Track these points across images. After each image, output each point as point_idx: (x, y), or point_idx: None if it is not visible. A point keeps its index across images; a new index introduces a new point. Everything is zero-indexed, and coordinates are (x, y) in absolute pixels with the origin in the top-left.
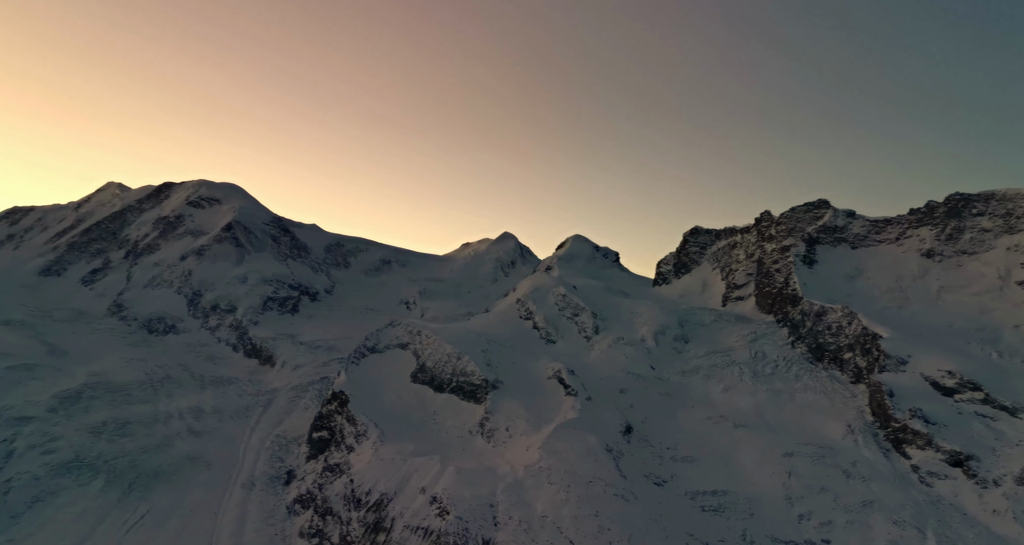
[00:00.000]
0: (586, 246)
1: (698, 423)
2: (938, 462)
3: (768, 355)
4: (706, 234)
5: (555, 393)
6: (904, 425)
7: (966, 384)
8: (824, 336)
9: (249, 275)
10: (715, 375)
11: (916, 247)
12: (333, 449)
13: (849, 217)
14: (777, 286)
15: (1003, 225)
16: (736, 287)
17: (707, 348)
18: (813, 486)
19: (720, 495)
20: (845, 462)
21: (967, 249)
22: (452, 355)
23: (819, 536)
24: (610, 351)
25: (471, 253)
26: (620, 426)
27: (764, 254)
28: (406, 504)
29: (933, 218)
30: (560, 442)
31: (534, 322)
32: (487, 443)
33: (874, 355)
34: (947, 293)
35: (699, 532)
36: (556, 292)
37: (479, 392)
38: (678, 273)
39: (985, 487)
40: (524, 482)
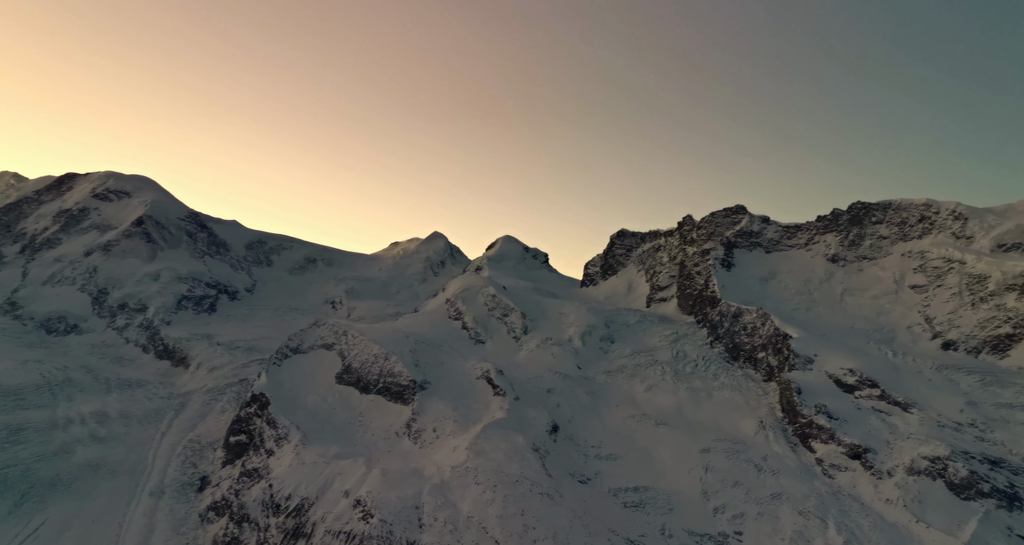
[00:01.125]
0: (516, 247)
1: (622, 421)
2: (839, 455)
3: (689, 355)
4: (632, 237)
5: (483, 393)
6: (810, 420)
7: (865, 381)
8: (740, 336)
9: (162, 272)
10: (639, 374)
11: (823, 252)
12: (252, 453)
13: (764, 223)
14: (698, 288)
15: (899, 233)
16: (660, 289)
17: (632, 348)
18: (728, 480)
19: (641, 491)
20: (757, 457)
21: (867, 255)
22: (379, 355)
23: (732, 528)
24: (538, 351)
25: (400, 252)
26: (547, 425)
27: (686, 257)
28: (328, 508)
29: (838, 225)
30: (487, 442)
31: (463, 322)
32: (414, 444)
33: (784, 354)
34: (849, 296)
35: (621, 528)
36: (486, 292)
37: (406, 393)
38: (605, 275)
39: (880, 478)
40: (451, 483)
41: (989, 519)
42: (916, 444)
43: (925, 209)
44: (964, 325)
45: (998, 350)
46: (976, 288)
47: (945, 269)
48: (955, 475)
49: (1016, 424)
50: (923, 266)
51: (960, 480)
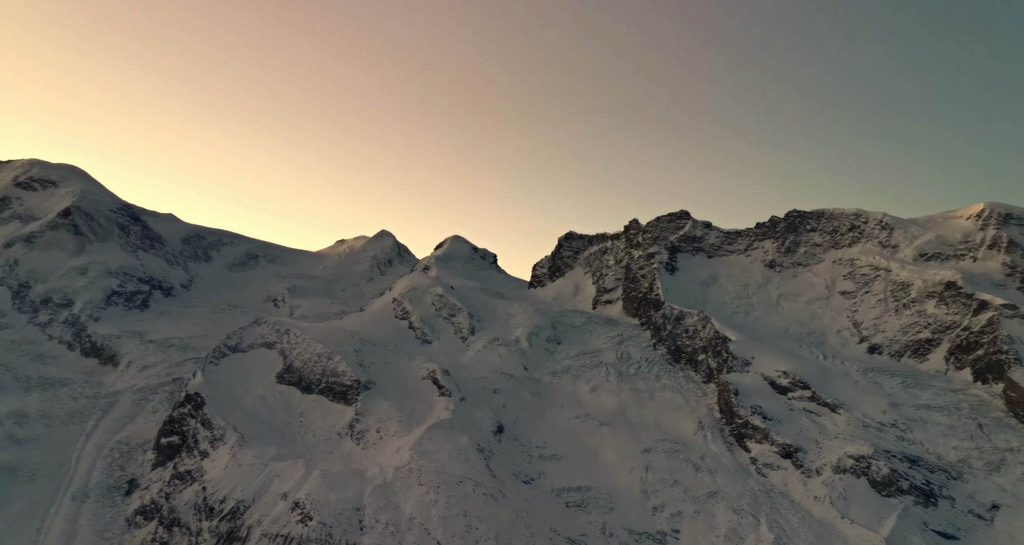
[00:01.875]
0: (465, 247)
1: (566, 422)
2: (772, 454)
3: (632, 356)
4: (579, 239)
5: (429, 394)
6: (746, 421)
7: (797, 383)
8: (682, 339)
9: (90, 266)
10: (584, 375)
11: (761, 258)
12: (184, 455)
13: (706, 228)
14: (642, 291)
15: (830, 241)
16: (606, 291)
17: (577, 349)
18: (667, 480)
19: (584, 491)
20: (695, 456)
21: (801, 261)
22: (322, 355)
23: (670, 526)
24: (485, 352)
25: (346, 250)
26: (492, 426)
27: (631, 260)
28: (265, 511)
29: (775, 232)
30: (432, 443)
31: (410, 322)
32: (356, 445)
33: (723, 357)
34: (784, 300)
35: (562, 527)
36: (433, 292)
37: (350, 393)
38: (553, 276)
39: (809, 476)
40: (393, 484)
41: (907, 515)
42: (842, 444)
43: (855, 219)
44: (888, 330)
45: (918, 354)
46: (900, 295)
47: (872, 276)
48: (877, 473)
49: (933, 424)
50: (852, 273)
51: (882, 478)
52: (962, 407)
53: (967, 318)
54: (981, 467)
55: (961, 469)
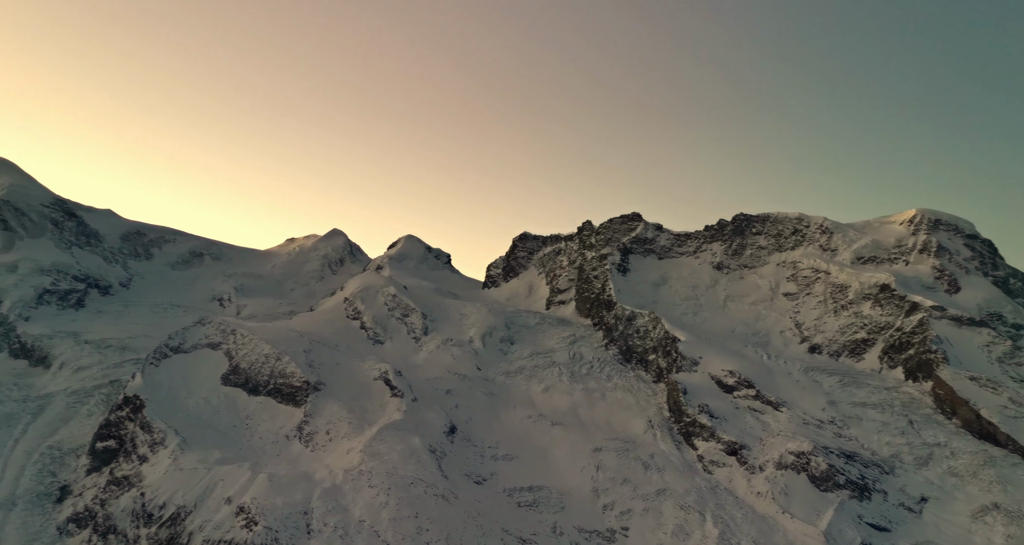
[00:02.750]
0: (418, 246)
1: (519, 422)
2: (718, 452)
3: (585, 356)
4: (534, 240)
5: (381, 394)
6: (694, 419)
7: (742, 382)
8: (633, 339)
9: (20, 263)
10: (537, 375)
11: (709, 260)
12: (122, 460)
13: (657, 230)
14: (595, 292)
15: (775, 244)
16: (559, 291)
17: (531, 349)
18: (617, 478)
19: (535, 490)
20: (645, 454)
21: (747, 263)
22: (271, 356)
23: (619, 524)
24: (438, 352)
25: (296, 249)
26: (444, 427)
27: (585, 261)
28: (208, 516)
29: (723, 235)
30: (383, 444)
31: (362, 322)
32: (305, 447)
33: (673, 356)
34: (731, 302)
35: (514, 527)
36: (386, 292)
37: (299, 394)
38: (507, 276)
39: (753, 473)
40: (343, 487)
41: (843, 509)
42: (784, 441)
43: (798, 223)
44: (827, 330)
45: (855, 353)
46: (838, 297)
47: (813, 278)
48: (816, 469)
49: (868, 421)
50: (795, 275)
51: (820, 473)
52: (894, 404)
53: (900, 319)
54: (911, 462)
55: (893, 464)
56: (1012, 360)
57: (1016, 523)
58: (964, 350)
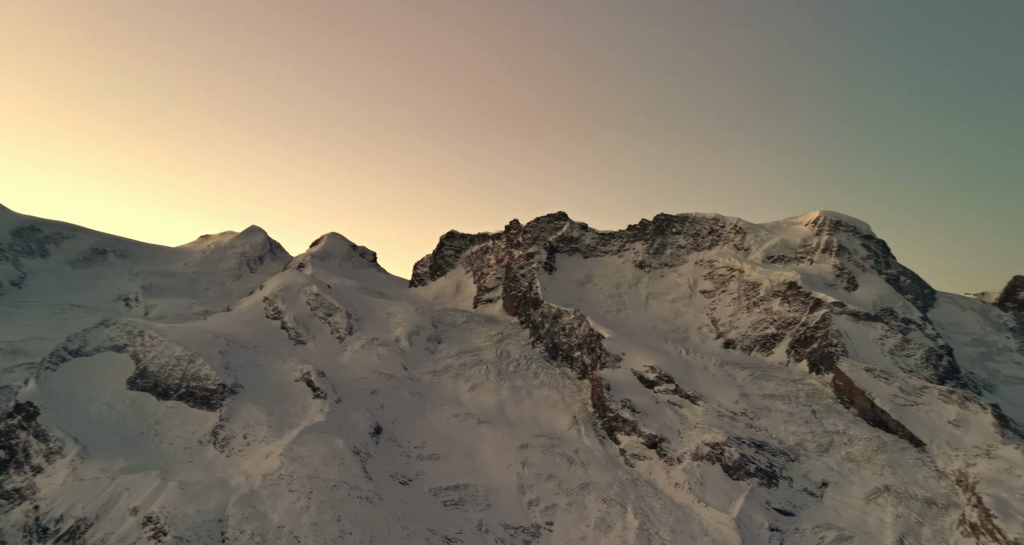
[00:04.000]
0: (343, 244)
1: (446, 421)
2: (639, 445)
3: (512, 354)
4: (461, 238)
5: (302, 396)
6: (616, 414)
7: (663, 377)
8: (559, 336)
9: None
10: (464, 374)
11: (632, 259)
12: (12, 472)
13: (583, 230)
14: (522, 290)
15: (693, 243)
16: (487, 290)
17: (458, 348)
18: (542, 474)
19: (461, 489)
20: (569, 450)
21: (668, 262)
22: (183, 358)
23: (544, 519)
24: (364, 352)
25: (211, 246)
26: (370, 427)
27: (512, 260)
28: (111, 528)
29: (645, 234)
30: (304, 447)
31: (283, 322)
32: (220, 453)
33: (597, 353)
34: (653, 299)
35: (439, 527)
36: (309, 291)
37: (214, 398)
38: (434, 275)
39: (671, 464)
40: (261, 492)
41: (753, 496)
42: (700, 432)
43: (714, 223)
44: (741, 326)
45: (765, 348)
46: (751, 294)
47: (728, 276)
48: (729, 459)
49: (776, 412)
50: (711, 274)
51: (733, 463)
52: (800, 396)
53: (805, 315)
54: (814, 449)
55: (798, 451)
56: (902, 352)
57: (904, 503)
58: (860, 343)
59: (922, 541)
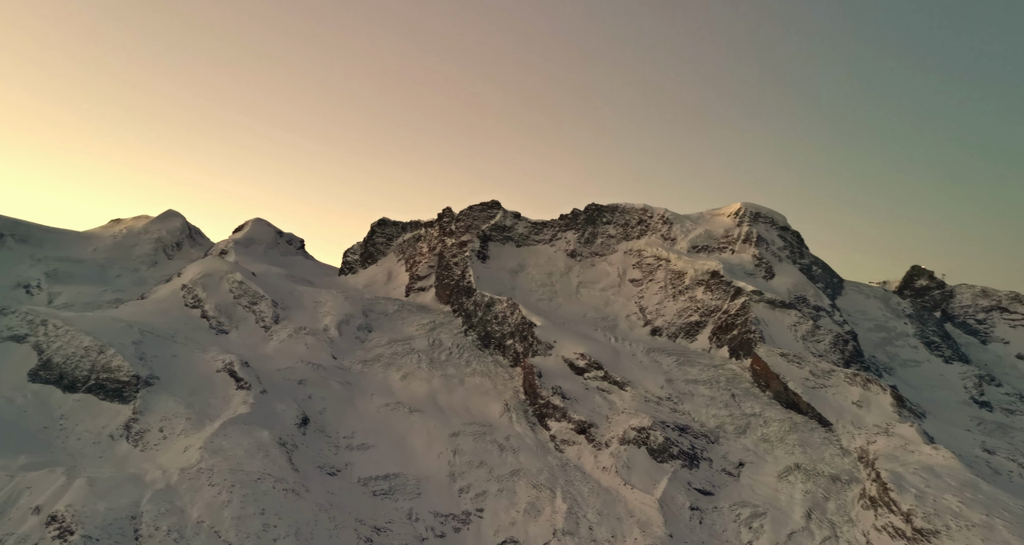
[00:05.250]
0: (268, 231)
1: (376, 411)
2: (569, 431)
3: (444, 343)
4: (393, 226)
5: (225, 387)
6: (547, 401)
7: (593, 364)
8: (492, 325)
9: None
10: (395, 363)
11: (563, 248)
12: None
13: (515, 218)
14: (455, 278)
15: (622, 233)
16: (419, 278)
17: (389, 337)
18: (474, 461)
19: (392, 478)
20: (501, 437)
21: (598, 251)
22: (92, 348)
23: (475, 506)
24: (290, 341)
25: (123, 231)
26: (296, 418)
27: (445, 248)
28: (10, 529)
29: (576, 224)
30: (226, 439)
31: (203, 311)
32: (134, 447)
33: (529, 341)
34: (584, 288)
35: (368, 517)
36: (231, 278)
37: (127, 390)
38: (365, 263)
39: (599, 449)
40: (178, 487)
41: (676, 477)
42: (628, 417)
43: (642, 213)
44: (667, 314)
45: (689, 335)
46: (676, 283)
47: (655, 266)
48: (654, 442)
49: (698, 396)
50: (640, 263)
51: (657, 446)
52: (720, 380)
53: (726, 302)
54: (732, 431)
55: (718, 434)
56: (813, 338)
57: (812, 480)
58: (776, 330)
59: (827, 515)
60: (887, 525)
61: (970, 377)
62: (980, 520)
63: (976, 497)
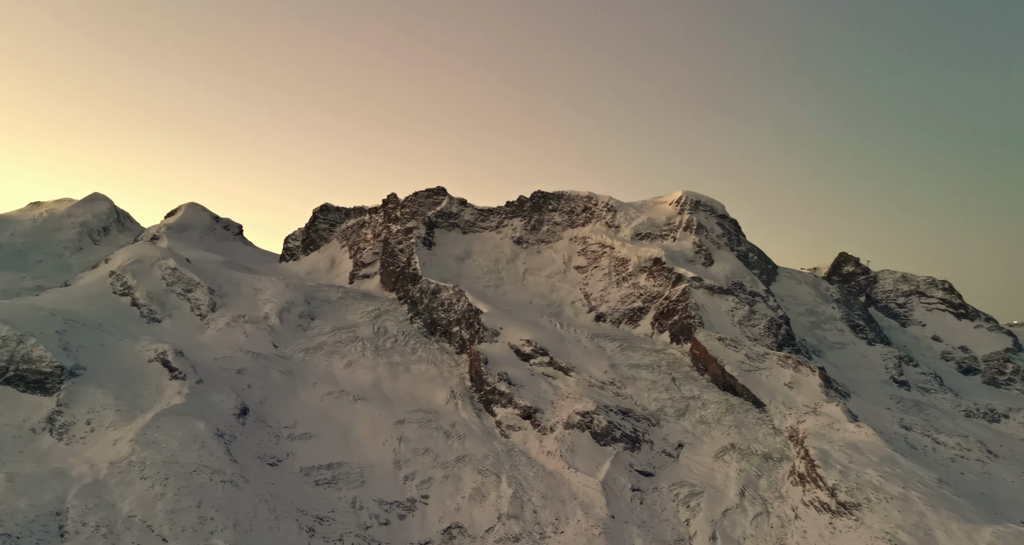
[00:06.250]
0: (203, 215)
1: (319, 399)
2: (514, 417)
3: (389, 330)
4: (336, 212)
5: (158, 377)
6: (493, 387)
7: (538, 350)
8: (438, 312)
9: None
10: (339, 351)
11: (510, 235)
12: None
13: (462, 205)
14: (400, 265)
15: (568, 220)
16: (363, 265)
17: (332, 325)
18: (419, 449)
19: (335, 467)
20: (447, 424)
21: (544, 238)
22: (9, 338)
23: (419, 493)
24: (228, 330)
25: (44, 214)
26: (235, 408)
27: (390, 235)
28: None
29: (523, 211)
30: (160, 431)
31: (133, 298)
32: (59, 441)
33: (476, 328)
34: (530, 275)
35: (310, 506)
36: (164, 265)
37: (50, 381)
38: (307, 249)
39: (544, 434)
40: (107, 481)
41: (618, 460)
42: (572, 402)
43: (587, 201)
44: (611, 300)
45: (632, 320)
46: (620, 269)
47: (600, 253)
48: (598, 426)
49: (641, 380)
50: (584, 250)
51: (601, 430)
52: (661, 365)
53: (668, 289)
54: (672, 414)
55: (659, 417)
56: (748, 322)
57: (746, 459)
58: (714, 315)
59: (759, 491)
60: (814, 500)
61: (890, 358)
62: (897, 492)
63: (894, 471)
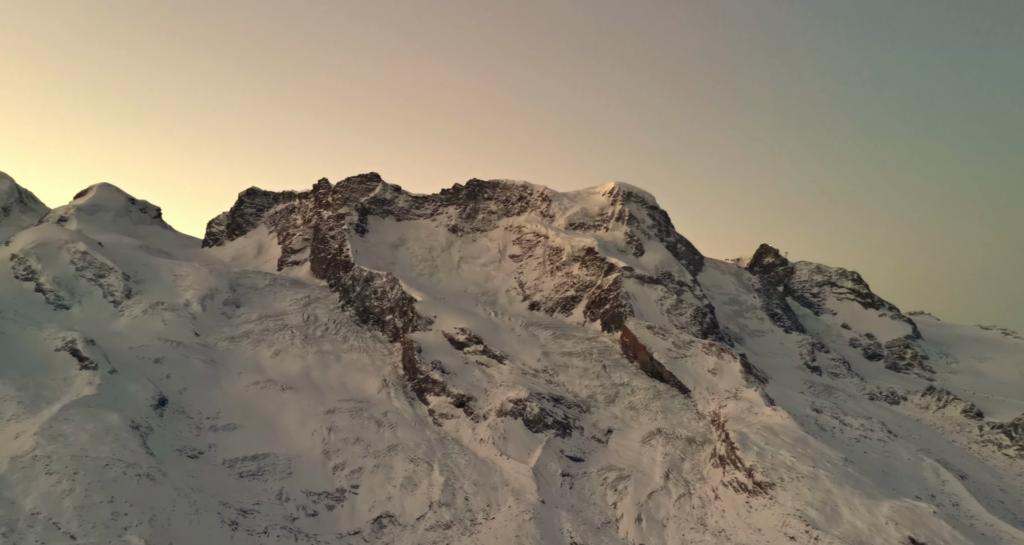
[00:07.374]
0: (118, 197)
1: (244, 389)
2: (447, 405)
3: (320, 318)
4: (263, 196)
5: (66, 367)
6: (427, 376)
7: (472, 339)
8: (371, 300)
9: None
10: (266, 340)
11: (445, 223)
12: None
13: (396, 192)
14: (332, 252)
15: (503, 209)
16: (293, 251)
17: (259, 313)
18: (349, 438)
19: (260, 459)
20: (378, 413)
21: (480, 227)
22: None
23: (350, 483)
24: (145, 317)
25: None
26: (152, 399)
27: (321, 221)
28: None
29: (458, 199)
30: (68, 424)
31: (38, 284)
32: None
33: (409, 316)
34: (465, 263)
35: (234, 499)
36: (73, 248)
37: None
38: (232, 234)
39: (477, 421)
40: (9, 477)
41: (550, 446)
42: (505, 390)
43: (523, 190)
44: (545, 289)
45: (566, 309)
46: (554, 259)
47: (535, 242)
48: (530, 413)
49: (573, 368)
50: (520, 239)
51: (533, 417)
52: (593, 352)
53: (600, 278)
54: (603, 400)
55: (590, 403)
56: (676, 311)
57: (671, 443)
58: (644, 304)
59: (683, 474)
60: (732, 480)
61: (804, 345)
62: (808, 472)
63: (805, 452)
